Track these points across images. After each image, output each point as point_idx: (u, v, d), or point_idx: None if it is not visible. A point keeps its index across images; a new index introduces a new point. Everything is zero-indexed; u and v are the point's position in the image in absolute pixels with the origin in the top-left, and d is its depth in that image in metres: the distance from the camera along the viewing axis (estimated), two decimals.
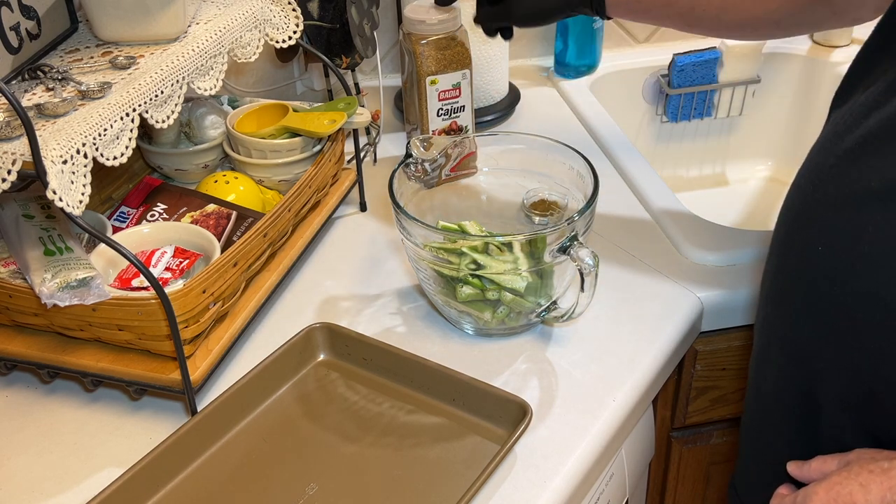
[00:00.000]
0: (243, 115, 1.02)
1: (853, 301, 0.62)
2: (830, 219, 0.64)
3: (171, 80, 0.76)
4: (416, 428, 0.76)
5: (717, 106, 1.41)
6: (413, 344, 0.84)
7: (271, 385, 0.80)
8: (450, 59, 1.03)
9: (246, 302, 0.85)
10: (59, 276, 0.73)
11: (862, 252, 0.61)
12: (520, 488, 0.71)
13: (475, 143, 0.92)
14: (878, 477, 0.59)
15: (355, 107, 0.97)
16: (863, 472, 0.60)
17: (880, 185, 0.60)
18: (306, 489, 0.71)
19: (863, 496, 0.59)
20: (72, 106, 0.69)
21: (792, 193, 0.70)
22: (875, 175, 0.60)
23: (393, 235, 1.01)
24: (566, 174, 0.88)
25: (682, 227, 1.00)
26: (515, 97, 1.27)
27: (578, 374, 0.82)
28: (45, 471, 0.74)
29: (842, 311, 0.63)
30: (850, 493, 0.59)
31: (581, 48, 1.33)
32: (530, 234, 0.78)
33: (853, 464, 0.61)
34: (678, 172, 1.47)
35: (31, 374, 0.84)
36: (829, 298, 0.64)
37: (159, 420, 0.78)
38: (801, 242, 0.67)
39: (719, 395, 1.01)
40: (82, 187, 0.66)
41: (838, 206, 0.63)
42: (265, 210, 0.96)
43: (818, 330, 0.66)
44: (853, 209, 0.62)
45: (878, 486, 0.58)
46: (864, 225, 0.61)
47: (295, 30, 0.93)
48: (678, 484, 1.10)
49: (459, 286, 0.81)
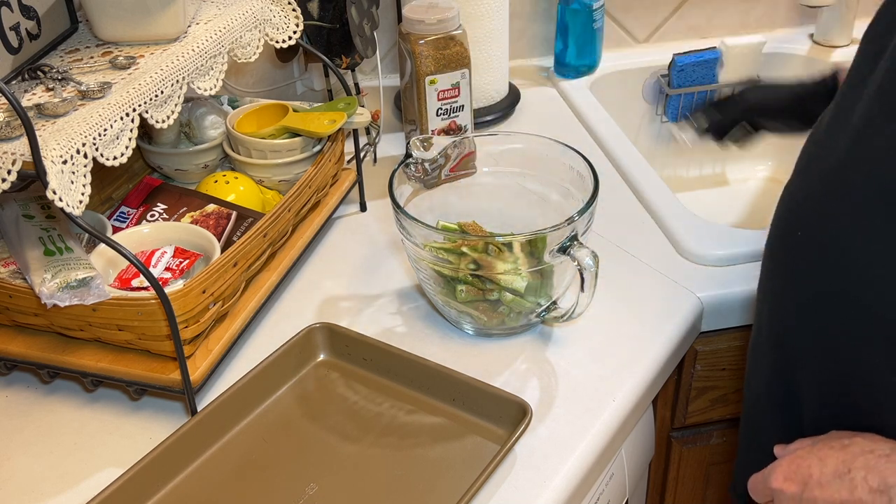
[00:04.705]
0: (243, 115, 1.02)
1: (826, 298, 0.64)
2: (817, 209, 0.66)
3: (171, 80, 0.76)
4: (416, 428, 0.76)
5: None
6: (413, 344, 0.84)
7: (271, 385, 0.80)
8: (449, 59, 1.03)
9: (246, 302, 0.85)
10: (59, 276, 0.73)
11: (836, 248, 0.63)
12: (520, 488, 0.71)
13: (474, 143, 0.92)
14: (836, 452, 0.62)
15: (355, 107, 0.97)
16: (824, 448, 0.63)
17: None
18: (306, 489, 0.71)
19: (819, 468, 0.62)
20: (72, 106, 0.69)
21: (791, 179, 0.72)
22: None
23: (393, 235, 1.01)
24: (566, 174, 0.88)
25: (681, 227, 1.00)
26: (515, 97, 1.27)
27: (578, 374, 0.82)
28: (45, 471, 0.74)
29: (820, 307, 0.65)
30: (808, 465, 0.63)
31: (581, 48, 1.33)
32: (530, 234, 0.78)
33: (819, 441, 0.65)
34: (678, 172, 1.47)
35: (31, 374, 0.84)
36: (809, 291, 0.65)
37: (159, 420, 0.78)
38: (788, 231, 0.69)
39: (719, 395, 1.01)
40: (82, 187, 0.66)
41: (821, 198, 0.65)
42: (265, 210, 0.96)
43: (802, 324, 0.68)
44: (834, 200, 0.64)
45: (833, 460, 0.62)
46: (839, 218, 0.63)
47: (295, 30, 0.93)
48: (678, 484, 1.10)
49: (459, 286, 0.81)
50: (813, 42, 1.43)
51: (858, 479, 0.59)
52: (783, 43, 1.42)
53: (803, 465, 0.64)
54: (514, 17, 1.32)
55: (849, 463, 0.61)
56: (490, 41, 1.19)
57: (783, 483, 0.65)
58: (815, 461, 0.63)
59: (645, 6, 1.41)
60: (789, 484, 0.64)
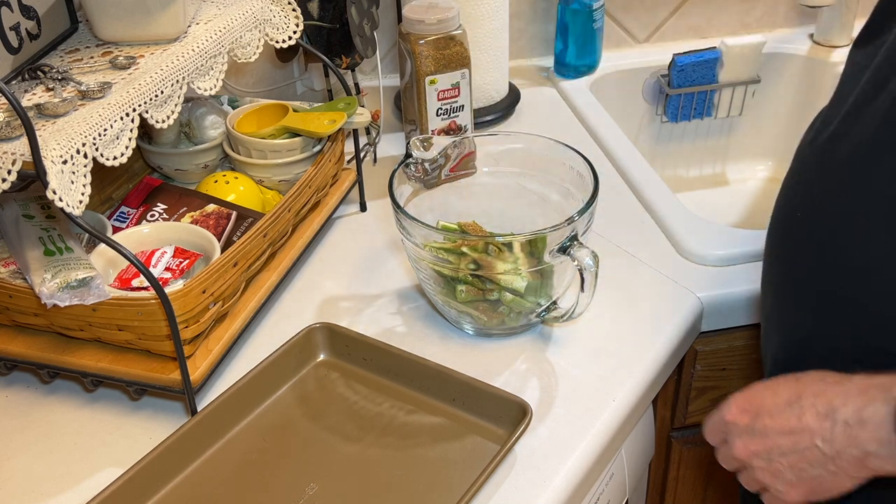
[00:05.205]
0: (243, 115, 1.02)
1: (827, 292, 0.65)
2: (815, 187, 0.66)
3: (171, 80, 0.76)
4: (416, 428, 0.76)
5: (717, 106, 1.41)
6: (413, 344, 0.84)
7: (271, 385, 0.80)
8: (449, 59, 1.03)
9: (246, 302, 0.85)
10: (59, 277, 0.73)
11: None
12: (520, 488, 0.71)
13: (474, 143, 0.92)
14: (789, 383, 0.63)
15: (355, 107, 0.97)
16: (778, 381, 0.64)
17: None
18: (306, 489, 0.71)
19: (772, 399, 0.63)
20: (72, 106, 0.69)
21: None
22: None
23: (393, 235, 1.01)
24: (566, 174, 0.88)
25: (682, 227, 0.99)
26: (515, 97, 1.27)
27: (578, 374, 0.82)
28: (45, 471, 0.74)
29: (824, 289, 0.65)
30: (762, 397, 0.64)
31: (581, 48, 1.33)
32: (530, 234, 0.78)
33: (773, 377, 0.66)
34: (678, 172, 1.47)
35: (31, 374, 0.84)
36: (812, 284, 0.66)
37: (159, 420, 0.78)
38: (789, 219, 0.69)
39: (719, 395, 1.01)
40: (82, 187, 0.66)
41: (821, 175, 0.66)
42: (265, 210, 0.96)
43: (805, 310, 0.68)
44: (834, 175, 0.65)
45: (786, 391, 0.62)
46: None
47: (295, 30, 0.93)
48: (678, 484, 1.10)
49: (459, 286, 0.81)
50: (813, 42, 1.43)
51: (807, 406, 0.60)
52: (783, 43, 1.42)
53: (756, 396, 0.64)
54: (514, 17, 1.32)
55: (800, 391, 0.61)
56: (490, 41, 1.19)
57: (736, 415, 0.65)
58: (768, 394, 0.64)
59: (645, 6, 1.41)
60: (742, 416, 0.64)
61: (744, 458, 0.65)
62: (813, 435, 0.59)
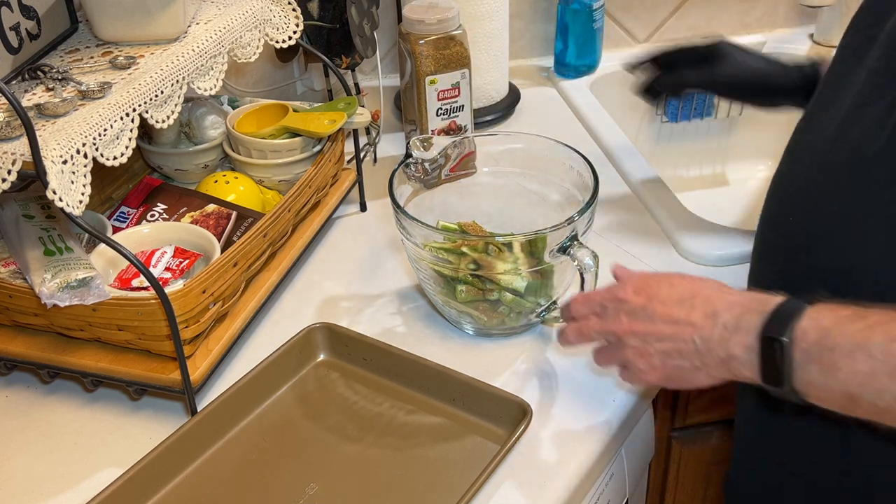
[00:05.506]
0: (243, 115, 1.02)
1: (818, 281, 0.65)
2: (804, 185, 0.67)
3: (171, 80, 0.76)
4: (416, 428, 0.76)
5: (717, 106, 1.41)
6: (413, 344, 0.84)
7: (271, 385, 0.80)
8: (449, 59, 1.03)
9: (246, 302, 0.85)
10: (59, 276, 0.73)
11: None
12: (520, 488, 0.71)
13: (474, 143, 0.92)
14: (687, 282, 0.66)
15: (355, 107, 0.97)
16: (679, 277, 0.68)
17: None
18: (306, 489, 0.71)
19: (668, 290, 0.66)
20: (72, 106, 0.69)
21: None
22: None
23: (393, 235, 1.01)
24: (566, 174, 0.88)
25: (681, 227, 0.99)
26: (515, 97, 1.27)
27: (578, 374, 0.82)
28: (45, 471, 0.74)
29: (817, 289, 0.65)
30: (659, 285, 0.67)
31: (581, 48, 1.33)
32: (530, 235, 0.78)
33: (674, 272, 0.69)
34: (678, 172, 1.46)
35: (31, 374, 0.84)
36: (801, 273, 0.67)
37: (159, 420, 0.78)
38: (778, 212, 0.71)
39: (719, 395, 1.01)
40: (82, 187, 0.66)
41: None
42: (265, 210, 0.96)
43: None
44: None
45: (683, 288, 0.66)
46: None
47: (295, 30, 0.93)
48: (678, 484, 1.10)
49: (459, 286, 0.81)
50: (813, 42, 1.43)
51: (698, 304, 0.64)
52: (783, 43, 1.42)
53: (653, 284, 0.67)
54: (514, 17, 1.32)
55: (695, 291, 0.65)
56: (490, 41, 1.19)
57: (631, 295, 0.68)
58: (665, 284, 0.67)
59: (645, 6, 1.41)
60: (637, 297, 0.67)
61: (620, 334, 0.68)
62: (694, 330, 0.63)
